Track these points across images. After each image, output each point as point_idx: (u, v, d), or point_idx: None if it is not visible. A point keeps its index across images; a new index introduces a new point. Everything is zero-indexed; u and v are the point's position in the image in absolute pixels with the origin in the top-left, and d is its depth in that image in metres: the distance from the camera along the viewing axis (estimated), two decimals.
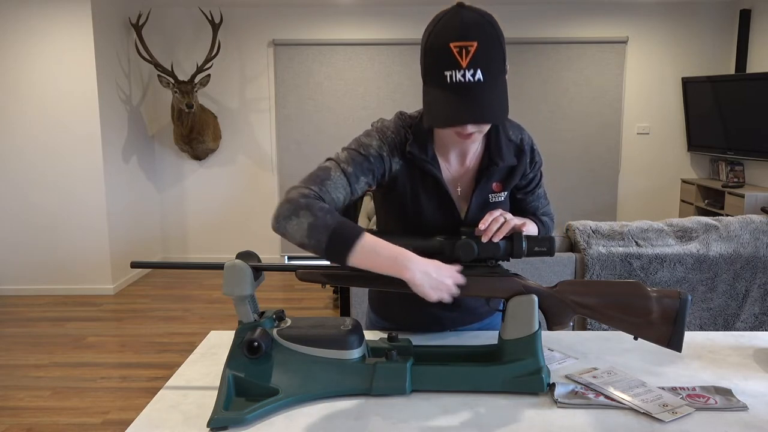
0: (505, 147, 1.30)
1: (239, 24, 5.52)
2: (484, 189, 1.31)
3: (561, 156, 5.66)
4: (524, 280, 1.21)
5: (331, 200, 1.17)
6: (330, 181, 1.18)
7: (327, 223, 1.10)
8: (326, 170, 1.20)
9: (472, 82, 1.06)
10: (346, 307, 3.43)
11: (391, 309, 1.49)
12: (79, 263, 4.86)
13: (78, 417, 2.90)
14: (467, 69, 1.06)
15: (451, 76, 1.06)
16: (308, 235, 1.10)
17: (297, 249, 5.80)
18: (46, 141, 4.70)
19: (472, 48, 1.05)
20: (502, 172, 1.32)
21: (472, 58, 1.05)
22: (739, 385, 1.19)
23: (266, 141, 5.68)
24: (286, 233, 1.12)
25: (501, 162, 1.28)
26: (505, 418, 1.07)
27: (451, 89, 1.07)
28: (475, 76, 1.06)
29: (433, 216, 1.31)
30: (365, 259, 1.10)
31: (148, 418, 1.09)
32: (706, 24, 5.50)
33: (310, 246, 1.11)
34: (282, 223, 1.12)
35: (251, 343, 1.12)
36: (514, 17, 5.50)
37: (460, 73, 1.06)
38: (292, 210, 1.11)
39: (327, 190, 1.17)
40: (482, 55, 1.06)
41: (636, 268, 2.73)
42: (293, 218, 1.11)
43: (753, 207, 4.57)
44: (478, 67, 1.06)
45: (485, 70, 1.07)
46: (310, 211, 1.11)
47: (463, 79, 1.06)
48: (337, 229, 1.10)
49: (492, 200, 1.32)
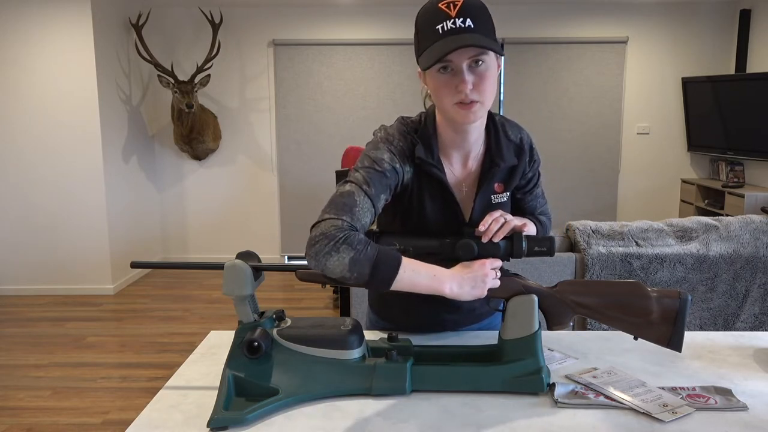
0: (505, 147, 1.31)
1: (239, 24, 5.52)
2: (486, 191, 1.31)
3: (561, 156, 5.66)
4: (524, 280, 1.21)
5: (362, 227, 1.16)
6: (357, 207, 1.16)
7: (369, 256, 1.09)
8: (351, 196, 1.17)
9: (462, 27, 1.10)
10: (346, 307, 3.43)
11: (390, 309, 1.49)
12: (79, 263, 4.86)
13: (78, 417, 2.90)
14: (456, 17, 1.10)
15: (442, 27, 1.11)
16: (350, 269, 1.09)
17: (297, 249, 5.80)
18: (46, 141, 4.70)
19: (459, 2, 1.11)
20: (504, 173, 1.33)
21: (459, 8, 1.10)
22: (739, 385, 1.19)
23: (266, 141, 5.69)
24: (326, 269, 1.10)
25: (502, 162, 1.29)
26: (505, 418, 1.07)
27: (443, 36, 1.11)
28: (465, 23, 1.10)
29: (437, 218, 1.30)
30: (407, 283, 1.12)
31: (148, 418, 1.09)
32: (706, 24, 5.50)
33: (351, 279, 1.09)
34: (322, 260, 1.10)
35: (251, 343, 1.12)
36: (514, 17, 5.50)
37: (450, 22, 1.10)
38: (332, 246, 1.09)
39: (357, 218, 1.15)
40: (469, 7, 1.11)
41: (636, 268, 2.73)
42: (333, 254, 1.09)
43: (753, 207, 4.57)
44: (466, 16, 1.10)
45: (474, 18, 1.11)
46: (349, 246, 1.09)
47: (453, 26, 1.10)
48: (378, 262, 1.10)
49: (495, 201, 1.32)
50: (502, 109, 5.63)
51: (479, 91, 1.15)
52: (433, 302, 1.39)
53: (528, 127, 4.99)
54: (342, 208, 1.15)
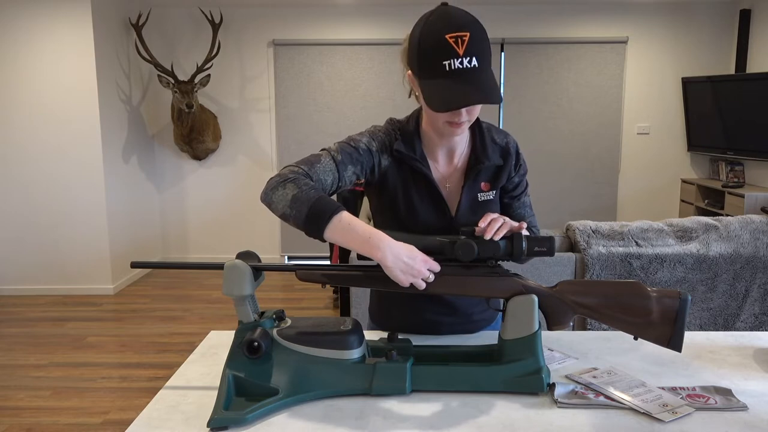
0: (491, 148, 1.37)
1: (239, 24, 5.52)
2: (472, 187, 1.36)
3: (561, 156, 5.66)
4: (524, 280, 1.21)
5: (318, 180, 1.23)
6: (319, 164, 1.25)
7: (309, 197, 1.15)
8: (317, 156, 1.27)
9: (468, 68, 1.15)
10: (346, 307, 3.43)
11: (389, 314, 1.49)
12: (79, 263, 4.87)
13: (78, 417, 2.90)
14: (464, 57, 1.15)
15: (449, 64, 1.15)
16: (290, 205, 1.15)
17: (297, 249, 5.80)
18: (46, 141, 4.70)
19: (466, 38, 1.15)
20: (489, 172, 1.38)
21: (467, 46, 1.15)
22: (739, 385, 1.19)
23: (266, 141, 5.69)
24: (271, 203, 1.18)
25: (487, 161, 1.35)
26: (505, 418, 1.07)
27: (450, 76, 1.16)
28: (471, 62, 1.15)
29: (425, 214, 1.35)
30: (341, 234, 1.13)
31: (148, 418, 1.09)
32: (706, 24, 5.50)
33: (291, 216, 1.15)
34: (269, 193, 1.19)
35: (251, 343, 1.12)
36: (514, 17, 5.50)
37: (458, 61, 1.15)
38: (279, 182, 1.19)
39: (315, 171, 1.24)
40: (475, 44, 1.16)
41: (636, 268, 2.73)
42: (279, 189, 1.17)
43: (753, 207, 4.57)
44: (473, 54, 1.15)
45: (479, 56, 1.16)
46: (296, 184, 1.17)
47: (461, 66, 1.15)
48: (317, 202, 1.14)
49: (481, 199, 1.37)
50: (502, 109, 5.63)
51: (470, 115, 1.25)
52: (430, 304, 1.40)
53: (528, 127, 4.97)
54: (304, 162, 1.26)
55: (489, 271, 1.20)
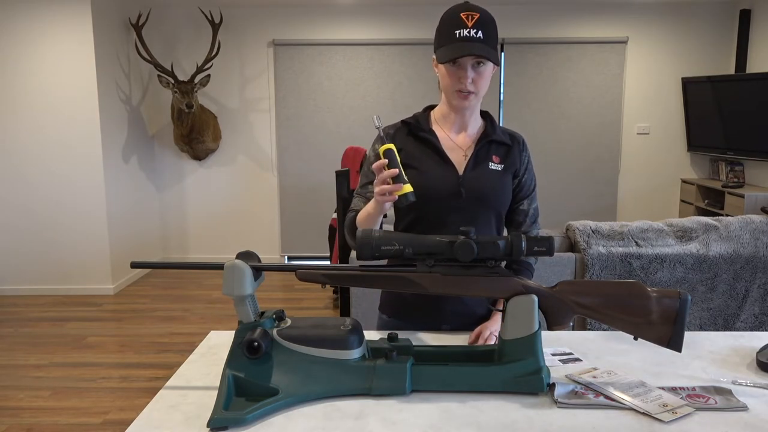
0: (499, 130, 1.57)
1: (239, 24, 5.52)
2: (483, 155, 1.51)
3: (561, 156, 5.66)
4: (524, 280, 1.21)
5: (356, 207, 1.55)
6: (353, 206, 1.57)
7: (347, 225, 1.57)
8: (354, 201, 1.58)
9: (474, 36, 1.40)
10: (346, 307, 3.43)
11: (400, 306, 1.58)
12: (79, 263, 4.86)
13: (78, 417, 2.90)
14: (472, 28, 1.39)
15: (459, 33, 1.40)
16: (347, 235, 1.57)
17: (297, 249, 5.81)
18: (46, 141, 4.70)
19: (476, 16, 1.40)
20: (501, 151, 1.54)
21: (475, 21, 1.40)
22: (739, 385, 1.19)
23: (266, 141, 5.69)
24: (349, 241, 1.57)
25: (495, 135, 1.53)
26: (505, 418, 1.07)
27: (458, 41, 1.40)
28: (477, 34, 1.39)
29: (434, 172, 1.49)
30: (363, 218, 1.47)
31: (148, 418, 1.09)
32: (705, 24, 5.50)
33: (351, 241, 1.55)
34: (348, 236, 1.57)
35: (251, 343, 1.12)
36: (514, 17, 5.50)
37: (466, 31, 1.39)
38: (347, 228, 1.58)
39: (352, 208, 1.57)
40: (483, 23, 1.41)
41: (636, 268, 2.73)
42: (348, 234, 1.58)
43: (753, 207, 4.57)
44: (479, 28, 1.40)
45: (484, 31, 1.40)
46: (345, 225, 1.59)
47: (468, 34, 1.39)
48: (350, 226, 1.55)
49: (491, 167, 1.51)
50: (502, 109, 5.63)
51: (476, 85, 1.44)
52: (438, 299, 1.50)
53: (528, 127, 4.98)
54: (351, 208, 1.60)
55: (489, 271, 1.20)
